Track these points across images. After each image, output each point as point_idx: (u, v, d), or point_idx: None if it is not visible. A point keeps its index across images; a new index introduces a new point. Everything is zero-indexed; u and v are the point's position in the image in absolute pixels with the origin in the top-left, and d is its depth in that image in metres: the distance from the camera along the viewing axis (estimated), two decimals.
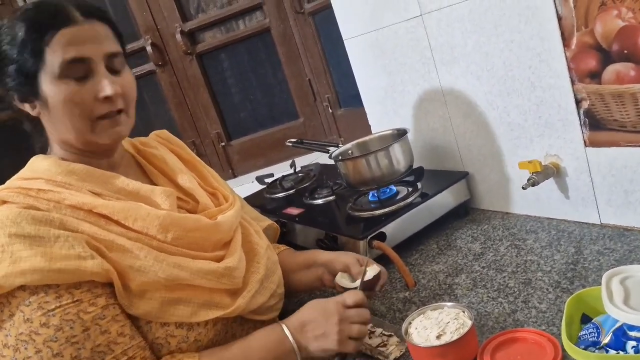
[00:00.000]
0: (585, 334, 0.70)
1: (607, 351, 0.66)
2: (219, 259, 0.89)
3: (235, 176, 2.36)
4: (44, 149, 0.91)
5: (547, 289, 0.95)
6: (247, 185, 2.12)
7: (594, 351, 0.67)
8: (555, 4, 0.99)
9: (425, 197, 1.30)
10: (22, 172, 0.86)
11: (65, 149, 0.88)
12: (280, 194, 1.71)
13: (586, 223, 1.13)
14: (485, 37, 1.15)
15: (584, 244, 1.06)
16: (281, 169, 1.95)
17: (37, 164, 0.86)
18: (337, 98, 2.15)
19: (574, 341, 0.71)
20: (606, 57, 0.96)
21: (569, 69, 1.03)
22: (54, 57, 0.79)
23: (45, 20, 0.80)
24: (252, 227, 1.03)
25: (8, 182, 0.85)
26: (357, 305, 0.88)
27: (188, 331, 0.82)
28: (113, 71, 0.85)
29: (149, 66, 2.24)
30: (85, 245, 0.76)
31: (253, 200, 1.80)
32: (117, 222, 0.82)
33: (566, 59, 1.02)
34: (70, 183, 0.83)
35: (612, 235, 1.05)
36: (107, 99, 0.83)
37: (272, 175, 1.88)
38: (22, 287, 0.73)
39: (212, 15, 2.17)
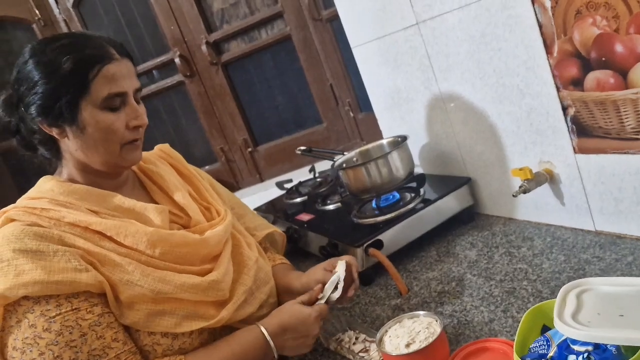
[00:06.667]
0: (536, 346, 0.71)
1: None
2: (206, 272, 0.95)
3: (262, 181, 2.43)
4: (53, 170, 1.00)
5: (528, 299, 0.96)
6: (272, 190, 2.18)
7: None
8: (535, 12, 0.99)
9: (427, 202, 1.32)
10: (30, 192, 0.95)
11: (80, 169, 0.96)
12: (298, 200, 1.75)
13: (581, 230, 1.12)
14: (475, 45, 1.16)
15: (575, 252, 1.05)
16: (305, 174, 2.00)
17: (42, 185, 0.95)
18: (357, 102, 2.18)
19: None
20: (586, 65, 0.95)
21: (554, 76, 1.02)
22: (99, 89, 0.89)
23: (93, 55, 0.89)
24: (245, 239, 1.09)
25: (18, 201, 0.94)
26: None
27: (173, 340, 0.89)
28: (137, 103, 0.96)
29: (178, 77, 2.35)
30: (80, 259, 0.85)
31: (274, 205, 1.86)
32: (110, 238, 0.90)
33: (550, 66, 1.02)
34: (71, 202, 0.91)
35: (604, 243, 1.04)
36: (136, 127, 0.94)
37: (291, 180, 1.94)
38: (26, 297, 0.82)
39: (235, 25, 2.25)
